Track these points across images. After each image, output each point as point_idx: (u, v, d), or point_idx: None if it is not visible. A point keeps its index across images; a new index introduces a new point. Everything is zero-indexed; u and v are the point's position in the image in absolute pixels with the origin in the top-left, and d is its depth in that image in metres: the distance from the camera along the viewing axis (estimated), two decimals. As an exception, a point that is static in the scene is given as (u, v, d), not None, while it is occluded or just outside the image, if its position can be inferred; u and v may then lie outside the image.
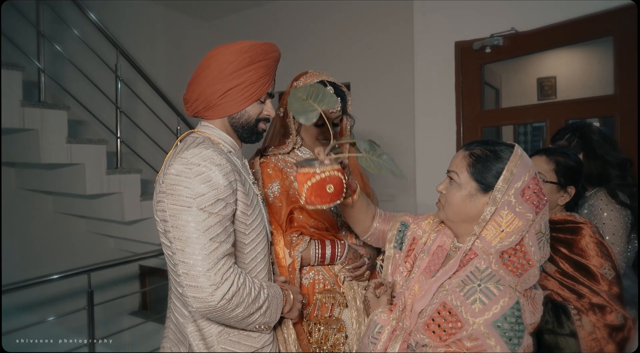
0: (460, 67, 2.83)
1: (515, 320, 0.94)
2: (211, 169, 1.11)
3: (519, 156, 1.05)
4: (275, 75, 1.31)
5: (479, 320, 0.94)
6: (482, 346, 0.92)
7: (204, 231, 1.08)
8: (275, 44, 1.29)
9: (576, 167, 1.51)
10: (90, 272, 2.66)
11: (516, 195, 1.03)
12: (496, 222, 1.04)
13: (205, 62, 1.22)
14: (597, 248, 1.41)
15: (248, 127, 1.28)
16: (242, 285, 1.12)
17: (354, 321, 1.49)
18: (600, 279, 1.37)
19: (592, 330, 1.33)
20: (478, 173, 1.06)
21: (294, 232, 1.49)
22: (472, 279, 1.00)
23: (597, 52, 4.06)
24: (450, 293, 1.01)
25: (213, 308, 1.08)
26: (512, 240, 1.02)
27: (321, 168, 1.06)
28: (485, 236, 1.05)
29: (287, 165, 1.56)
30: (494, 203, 1.03)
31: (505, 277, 0.98)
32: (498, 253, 1.02)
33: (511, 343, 0.92)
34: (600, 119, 3.23)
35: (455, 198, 1.09)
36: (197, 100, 1.24)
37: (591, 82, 4.05)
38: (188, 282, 1.07)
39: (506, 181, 1.03)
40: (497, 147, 1.08)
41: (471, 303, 0.96)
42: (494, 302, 0.95)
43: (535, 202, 1.03)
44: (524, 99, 4.40)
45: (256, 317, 1.18)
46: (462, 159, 1.10)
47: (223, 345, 1.22)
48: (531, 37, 2.56)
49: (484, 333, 0.93)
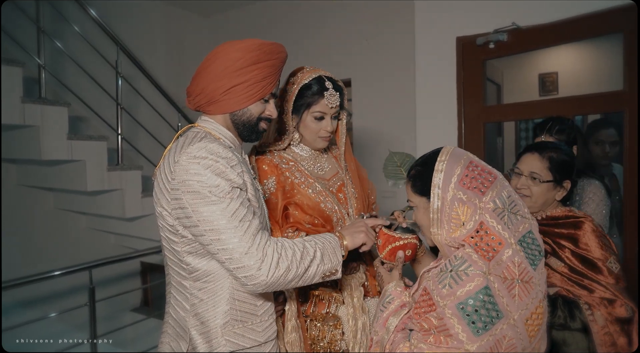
0: (461, 63, 2.82)
1: (482, 304, 0.95)
2: (219, 162, 1.13)
3: (445, 153, 1.11)
4: (280, 76, 1.31)
5: (446, 302, 0.98)
6: (446, 326, 0.97)
7: (231, 215, 1.10)
8: (283, 45, 1.28)
9: (569, 161, 1.50)
10: (91, 269, 2.67)
11: (457, 188, 1.05)
12: (455, 218, 1.06)
13: (212, 57, 1.22)
14: (600, 242, 1.41)
15: (249, 126, 1.28)
16: (283, 249, 1.14)
17: (350, 318, 1.48)
18: (607, 273, 1.37)
19: (605, 324, 1.34)
20: (419, 189, 1.14)
21: (289, 228, 1.49)
22: (447, 266, 1.04)
23: (599, 48, 4.03)
24: (430, 279, 1.08)
25: (268, 282, 1.11)
26: (470, 228, 1.04)
27: (405, 235, 1.29)
28: (453, 235, 1.06)
29: (283, 161, 1.56)
30: (443, 204, 1.07)
31: (477, 262, 1.00)
32: (468, 239, 1.04)
33: (474, 326, 0.94)
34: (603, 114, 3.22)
35: (419, 220, 1.18)
36: (200, 94, 1.24)
37: (593, 78, 4.03)
38: (234, 265, 1.10)
39: (437, 184, 1.07)
40: (426, 160, 1.15)
41: (442, 287, 1.01)
42: (461, 286, 0.98)
43: (477, 185, 1.05)
44: (526, 94, 4.38)
45: (314, 268, 1.18)
46: (408, 187, 1.19)
47: (227, 337, 1.22)
48: (536, 32, 2.55)
49: (446, 313, 0.97)
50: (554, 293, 1.42)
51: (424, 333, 1.01)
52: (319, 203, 1.52)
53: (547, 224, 1.50)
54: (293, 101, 1.50)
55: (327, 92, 1.49)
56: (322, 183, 1.57)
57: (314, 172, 1.59)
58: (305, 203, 1.50)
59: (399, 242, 1.28)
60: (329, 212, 1.53)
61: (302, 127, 1.54)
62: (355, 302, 1.50)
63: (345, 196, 1.61)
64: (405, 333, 1.10)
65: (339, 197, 1.59)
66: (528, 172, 1.49)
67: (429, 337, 0.99)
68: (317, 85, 1.50)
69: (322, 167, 1.62)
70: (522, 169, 1.51)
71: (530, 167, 1.49)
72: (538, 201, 1.49)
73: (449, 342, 0.96)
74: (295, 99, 1.50)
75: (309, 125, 1.52)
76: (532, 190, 1.48)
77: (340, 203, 1.57)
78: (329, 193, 1.55)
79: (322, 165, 1.62)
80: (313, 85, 1.50)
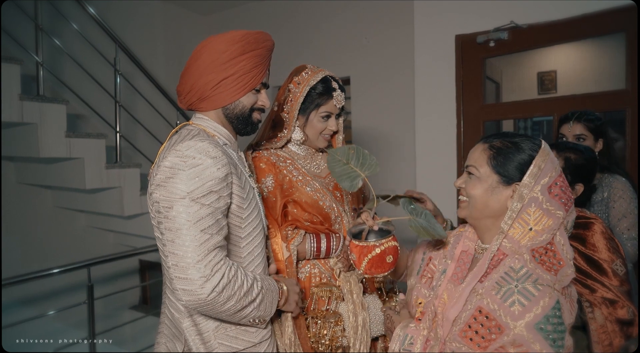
0: (460, 61, 2.82)
1: (558, 320, 0.89)
2: (206, 162, 1.10)
3: (547, 152, 1.01)
4: (269, 65, 1.30)
5: (520, 323, 0.89)
6: (527, 351, 0.88)
7: (195, 222, 1.06)
8: (268, 34, 1.27)
9: (586, 165, 1.48)
10: (90, 266, 2.66)
11: (543, 191, 0.98)
12: (523, 219, 0.99)
13: (197, 53, 1.21)
14: (608, 244, 1.42)
15: (243, 118, 1.27)
16: (234, 278, 1.10)
17: (350, 314, 1.48)
18: (612, 275, 1.38)
19: (604, 323, 1.34)
20: (499, 165, 1.02)
21: (288, 226, 1.49)
22: (507, 280, 0.95)
23: (600, 47, 4.04)
24: (485, 297, 0.96)
25: (203, 301, 1.06)
26: (543, 239, 0.98)
27: (380, 241, 1.11)
28: (513, 235, 1.00)
29: (280, 159, 1.56)
30: (520, 199, 0.99)
31: (542, 276, 0.94)
32: (530, 252, 0.98)
33: (556, 345, 0.88)
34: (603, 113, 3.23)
35: (476, 192, 1.05)
36: (190, 91, 1.23)
37: (593, 76, 4.04)
38: (177, 273, 1.06)
39: (533, 176, 0.98)
40: (517, 138, 1.04)
41: (510, 306, 0.92)
42: (534, 303, 0.90)
43: (564, 199, 0.99)
44: (524, 93, 4.39)
45: (249, 310, 1.15)
46: (482, 152, 1.06)
47: (220, 340, 1.20)
48: (536, 31, 2.55)
49: (527, 337, 0.88)
50: None
51: None
52: (317, 200, 1.52)
53: None
54: (301, 102, 1.50)
55: (335, 93, 1.51)
56: (319, 181, 1.57)
57: (310, 170, 1.59)
58: (304, 201, 1.51)
59: (375, 250, 1.12)
60: (327, 210, 1.54)
61: (308, 127, 1.55)
62: (355, 298, 1.50)
63: (341, 194, 1.61)
64: None
65: (336, 195, 1.59)
66: None
67: None
68: (325, 85, 1.51)
69: (318, 165, 1.63)
70: None
71: None
72: None
73: None
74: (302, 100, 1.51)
75: (315, 125, 1.54)
76: None
77: (337, 201, 1.58)
78: (326, 191, 1.56)
79: (318, 163, 1.63)
80: (320, 86, 1.51)
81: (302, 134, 1.57)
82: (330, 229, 1.55)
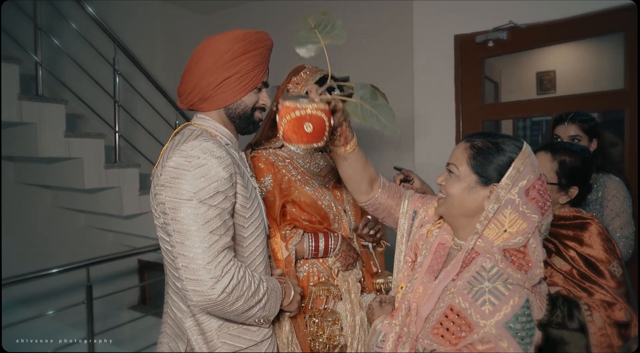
0: (459, 61, 2.82)
1: (526, 318, 0.92)
2: (211, 162, 1.10)
3: (527, 154, 1.01)
4: (269, 64, 1.30)
5: (490, 322, 0.91)
6: (495, 349, 0.90)
7: (203, 224, 1.07)
8: (268, 33, 1.28)
9: (582, 167, 1.47)
10: (89, 266, 2.66)
11: (520, 194, 0.99)
12: (499, 220, 1.00)
13: (199, 53, 1.21)
14: (605, 245, 1.41)
15: (245, 117, 1.27)
16: (242, 279, 1.12)
17: (348, 313, 1.49)
18: (609, 276, 1.38)
19: (603, 325, 1.34)
20: (478, 165, 1.03)
21: (287, 225, 1.49)
22: (479, 279, 0.97)
23: (599, 47, 4.04)
24: (457, 295, 0.98)
25: (213, 302, 1.07)
26: (517, 242, 0.99)
27: (303, 105, 1.01)
28: (488, 235, 1.01)
29: (279, 158, 1.56)
30: (497, 200, 0.99)
31: (513, 275, 0.95)
32: (501, 252, 0.99)
33: (524, 343, 0.90)
34: (600, 113, 3.23)
35: (455, 191, 1.05)
36: (191, 92, 1.23)
37: (592, 76, 4.04)
38: (188, 275, 1.06)
39: (511, 178, 0.99)
40: (499, 139, 1.04)
41: (480, 305, 0.94)
42: (504, 303, 0.92)
43: (541, 203, 1.00)
44: (523, 93, 4.39)
45: (255, 310, 1.17)
46: (463, 151, 1.06)
47: (223, 339, 1.21)
48: (535, 31, 2.56)
49: (495, 335, 0.90)
50: (555, 292, 1.42)
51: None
52: (316, 200, 1.52)
53: (554, 225, 1.50)
54: None
55: (333, 93, 1.50)
56: (318, 180, 1.57)
57: (309, 169, 1.59)
58: (303, 201, 1.51)
59: (295, 112, 1.00)
60: (326, 209, 1.54)
61: None
62: (353, 298, 1.51)
63: (341, 193, 1.61)
64: None
65: (335, 194, 1.59)
66: None
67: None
68: (323, 86, 1.50)
69: (317, 164, 1.63)
70: None
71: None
72: None
73: None
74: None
75: None
76: None
77: (337, 200, 1.58)
78: (325, 190, 1.56)
79: (317, 162, 1.63)
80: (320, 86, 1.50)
81: None
82: (328, 228, 1.56)
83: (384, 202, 1.28)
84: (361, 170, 1.24)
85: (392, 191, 1.30)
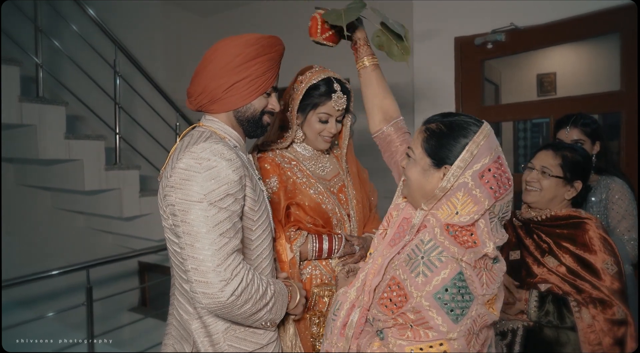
0: (459, 63, 2.82)
1: (458, 290, 0.93)
2: (221, 164, 1.10)
3: (484, 136, 1.00)
4: (279, 69, 1.30)
5: (422, 292, 0.94)
6: (425, 318, 0.93)
7: (213, 226, 1.07)
8: (280, 38, 1.28)
9: (583, 162, 1.51)
10: (89, 268, 2.66)
11: (474, 177, 0.98)
12: (452, 202, 1.00)
13: (210, 55, 1.21)
14: (600, 243, 1.41)
15: (253, 121, 1.27)
16: (251, 282, 1.12)
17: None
18: (602, 274, 1.38)
19: (591, 322, 1.34)
20: (431, 148, 1.03)
21: (291, 227, 1.49)
22: (416, 252, 0.99)
23: (597, 48, 4.05)
24: (398, 267, 1.01)
25: (222, 305, 1.07)
26: (461, 221, 0.99)
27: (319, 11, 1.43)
28: (441, 216, 1.02)
29: (285, 160, 1.56)
30: (448, 182, 0.99)
31: (450, 248, 0.96)
32: (443, 226, 1.00)
33: (452, 313, 0.92)
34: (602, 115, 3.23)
35: (411, 174, 1.07)
36: (201, 93, 1.22)
37: (591, 78, 4.04)
38: (197, 277, 1.07)
39: (464, 161, 0.98)
40: (456, 121, 1.03)
41: (415, 276, 0.96)
42: (435, 274, 0.94)
43: (494, 186, 0.99)
44: (524, 95, 4.39)
45: (263, 313, 1.17)
46: (419, 134, 1.08)
47: (229, 342, 1.21)
48: (534, 33, 2.56)
49: (424, 305, 0.93)
50: (545, 290, 1.43)
51: (400, 328, 0.97)
52: (320, 204, 1.52)
53: (549, 225, 1.52)
54: (300, 100, 1.50)
55: (335, 95, 1.50)
56: (323, 184, 1.57)
57: (315, 172, 1.59)
58: (307, 205, 1.50)
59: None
60: (329, 213, 1.53)
61: (305, 126, 1.55)
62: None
63: (346, 197, 1.61)
64: (369, 334, 1.05)
65: (340, 198, 1.59)
66: (539, 167, 1.52)
67: (407, 332, 0.95)
68: (325, 86, 1.50)
69: (323, 167, 1.62)
70: (534, 163, 1.55)
71: (542, 161, 1.52)
72: (546, 196, 1.51)
73: (430, 334, 0.93)
74: (302, 98, 1.50)
75: (313, 125, 1.53)
76: (542, 183, 1.51)
77: (341, 204, 1.58)
78: (330, 194, 1.56)
79: (323, 166, 1.62)
80: (321, 86, 1.50)
81: (302, 132, 1.57)
82: (332, 232, 1.55)
83: (390, 135, 1.39)
84: (372, 95, 1.43)
85: (400, 130, 1.40)
